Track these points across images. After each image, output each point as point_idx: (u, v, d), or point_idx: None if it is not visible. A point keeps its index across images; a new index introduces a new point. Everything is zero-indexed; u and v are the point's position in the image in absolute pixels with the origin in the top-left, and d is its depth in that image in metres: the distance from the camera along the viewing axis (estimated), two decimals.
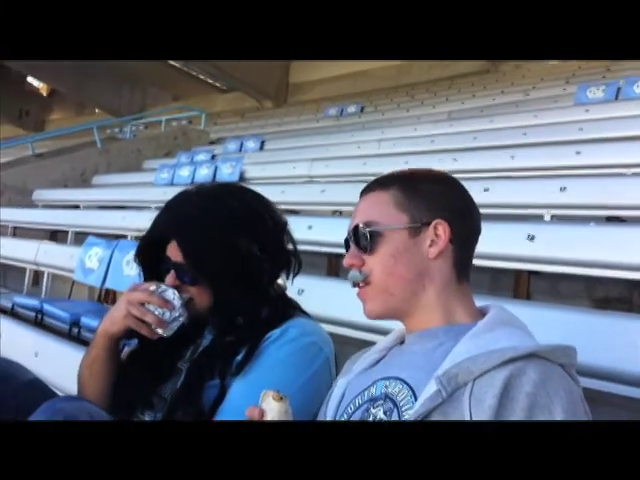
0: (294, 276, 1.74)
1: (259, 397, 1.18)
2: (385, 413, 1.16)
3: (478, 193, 4.31)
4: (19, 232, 8.06)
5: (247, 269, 1.63)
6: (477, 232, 1.31)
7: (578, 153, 4.82)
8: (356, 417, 1.22)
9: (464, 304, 1.27)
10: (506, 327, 1.17)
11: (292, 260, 1.72)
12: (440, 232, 1.24)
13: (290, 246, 1.73)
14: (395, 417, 1.13)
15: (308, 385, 1.57)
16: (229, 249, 1.63)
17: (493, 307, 1.25)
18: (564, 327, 2.02)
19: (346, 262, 1.30)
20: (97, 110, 23.28)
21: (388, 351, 1.36)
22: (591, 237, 3.00)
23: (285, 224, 1.74)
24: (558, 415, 0.99)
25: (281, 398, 1.14)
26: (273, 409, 1.13)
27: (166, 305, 1.58)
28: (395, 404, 1.15)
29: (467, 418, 1.02)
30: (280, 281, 1.75)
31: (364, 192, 1.34)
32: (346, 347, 2.52)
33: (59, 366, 3.03)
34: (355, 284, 1.30)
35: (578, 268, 2.94)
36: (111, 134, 14.45)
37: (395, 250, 1.25)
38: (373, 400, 1.20)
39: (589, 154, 4.77)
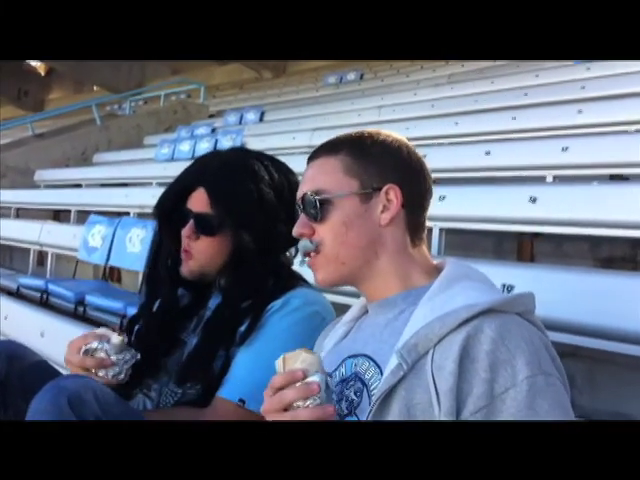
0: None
1: (263, 367, 1.15)
2: (355, 394, 1.14)
3: (479, 156, 4.35)
4: (22, 213, 8.07)
5: (270, 226, 1.64)
6: (428, 194, 1.27)
7: (580, 112, 4.77)
8: None
9: (420, 266, 1.23)
10: (462, 281, 1.14)
11: None
12: (392, 197, 1.21)
13: None
14: (365, 397, 1.12)
15: None
16: (257, 200, 1.64)
17: (448, 262, 1.22)
18: (569, 288, 2.01)
19: (295, 232, 1.26)
20: (95, 87, 23.16)
21: (355, 322, 1.34)
22: (594, 197, 2.98)
23: None
24: (521, 369, 0.97)
25: (311, 350, 1.09)
26: (313, 362, 1.05)
27: (103, 364, 1.48)
28: (364, 383, 1.14)
29: (431, 388, 1.00)
30: (287, 253, 1.75)
31: (312, 158, 1.30)
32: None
33: (65, 345, 3.04)
34: (306, 254, 1.26)
35: (581, 228, 2.93)
36: (110, 111, 14.38)
37: (346, 217, 1.21)
38: (345, 381, 1.18)
39: (591, 113, 4.71)
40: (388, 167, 1.22)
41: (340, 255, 1.22)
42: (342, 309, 1.94)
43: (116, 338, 1.50)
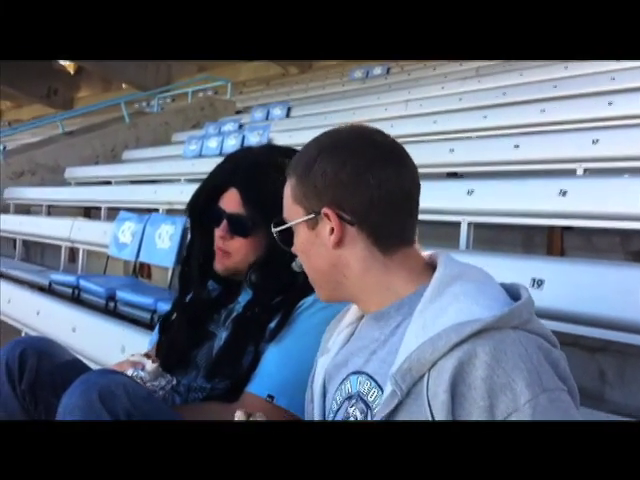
0: None
1: (292, 363, 1.16)
2: (360, 413, 1.12)
3: (508, 150, 4.31)
4: (53, 210, 8.16)
5: None
6: (384, 195, 1.13)
7: (610, 104, 4.70)
8: (340, 416, 1.18)
9: (402, 273, 1.15)
10: (454, 286, 1.07)
11: None
12: (331, 219, 1.13)
13: None
14: (369, 418, 1.09)
15: None
16: None
17: (440, 262, 1.14)
18: (599, 282, 1.99)
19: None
20: (124, 85, 23.34)
21: (357, 323, 1.29)
22: (625, 189, 2.94)
23: None
24: (522, 392, 0.92)
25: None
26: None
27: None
28: (367, 405, 1.11)
29: (429, 417, 0.96)
30: None
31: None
32: None
33: (97, 340, 3.09)
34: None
35: (612, 222, 2.90)
36: (139, 108, 14.48)
37: (302, 246, 1.20)
38: (350, 398, 1.16)
39: (622, 104, 4.64)
40: (322, 187, 1.14)
41: (314, 279, 1.23)
42: None
43: (151, 365, 1.53)
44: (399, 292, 1.15)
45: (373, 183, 1.12)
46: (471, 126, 5.62)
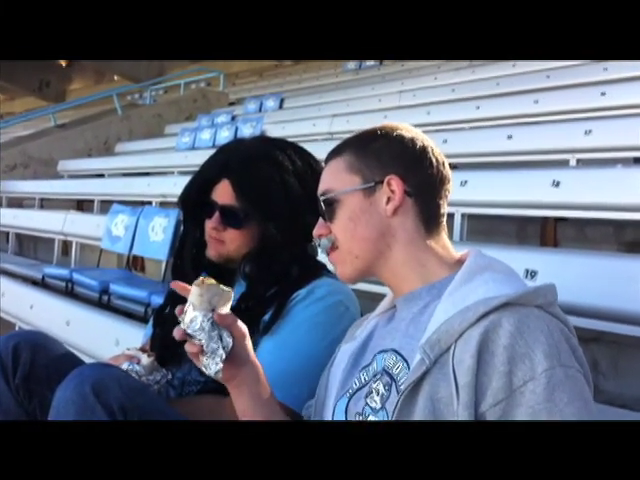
0: None
1: (287, 356, 1.17)
2: (385, 387, 1.16)
3: (501, 140, 4.31)
4: (46, 203, 8.14)
5: (296, 216, 1.64)
6: (438, 179, 1.26)
7: (603, 94, 4.71)
8: (362, 392, 1.22)
9: (438, 256, 1.24)
10: (483, 274, 1.14)
11: None
12: (394, 187, 1.22)
13: None
14: (394, 390, 1.13)
15: (334, 344, 1.57)
16: (282, 191, 1.64)
17: (471, 254, 1.22)
18: (593, 273, 2.00)
19: (314, 234, 1.31)
20: (116, 77, 23.24)
21: (384, 315, 1.35)
22: (618, 180, 2.95)
23: None
24: (539, 362, 0.97)
25: (202, 282, 1.15)
26: (193, 292, 1.14)
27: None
28: (392, 377, 1.15)
29: (452, 382, 1.01)
30: (312, 243, 1.75)
31: (325, 162, 1.34)
32: (374, 304, 2.52)
33: (91, 333, 3.08)
34: (326, 251, 1.31)
35: (605, 212, 2.90)
36: (131, 100, 14.44)
37: (352, 213, 1.25)
38: (375, 375, 1.20)
39: (614, 95, 4.65)
40: (388, 158, 1.24)
41: (353, 249, 1.26)
42: (367, 296, 1.94)
43: (146, 359, 1.54)
44: (431, 273, 1.22)
45: (434, 163, 1.25)
46: (464, 117, 5.63)
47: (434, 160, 1.25)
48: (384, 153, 1.25)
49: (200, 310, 1.14)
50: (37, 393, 1.62)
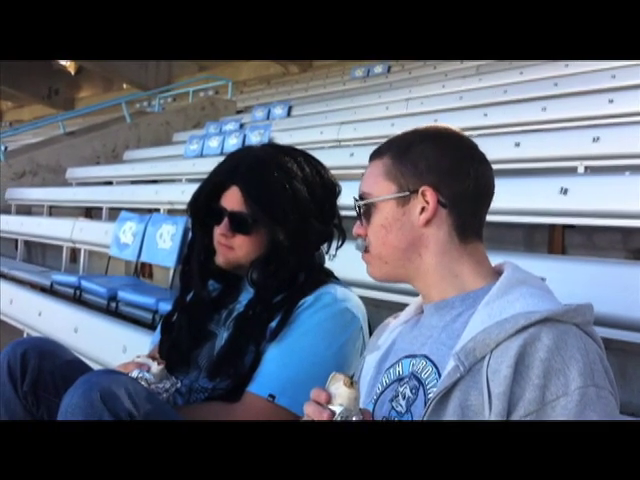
0: (337, 248, 1.74)
1: (293, 363, 1.16)
2: (411, 391, 1.17)
3: (509, 148, 4.30)
4: (54, 211, 8.17)
5: (304, 223, 1.64)
6: (477, 188, 1.24)
7: (611, 101, 4.70)
8: (386, 397, 1.22)
9: (472, 266, 1.23)
10: (521, 287, 1.14)
11: (337, 231, 1.74)
12: (428, 198, 1.21)
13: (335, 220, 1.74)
14: (421, 395, 1.14)
15: (341, 351, 1.58)
16: (291, 198, 1.64)
17: (507, 266, 1.22)
18: (601, 280, 1.99)
19: (354, 232, 1.32)
20: (125, 85, 23.35)
21: (410, 322, 1.35)
22: (626, 187, 2.94)
23: (340, 191, 1.74)
24: (574, 379, 0.98)
25: (352, 384, 1.09)
26: (342, 394, 1.09)
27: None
28: (420, 382, 1.16)
29: (484, 391, 1.01)
30: (320, 250, 1.75)
31: (369, 160, 1.34)
32: (380, 310, 2.52)
33: (99, 340, 3.09)
34: (361, 251, 1.32)
35: (613, 220, 2.89)
36: (140, 108, 14.48)
37: (385, 220, 1.25)
38: (401, 379, 1.21)
39: (622, 102, 4.64)
40: (424, 167, 1.23)
41: (382, 255, 1.26)
42: (372, 303, 1.94)
43: (156, 367, 1.55)
44: (465, 283, 1.21)
45: (472, 175, 1.22)
46: (472, 124, 5.62)
47: (472, 171, 1.23)
48: (422, 161, 1.23)
49: (351, 412, 1.09)
50: (45, 400, 1.62)
